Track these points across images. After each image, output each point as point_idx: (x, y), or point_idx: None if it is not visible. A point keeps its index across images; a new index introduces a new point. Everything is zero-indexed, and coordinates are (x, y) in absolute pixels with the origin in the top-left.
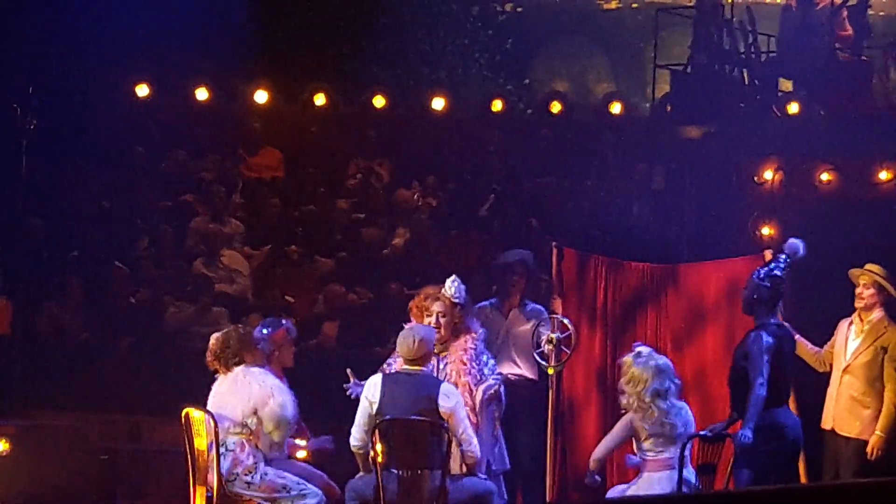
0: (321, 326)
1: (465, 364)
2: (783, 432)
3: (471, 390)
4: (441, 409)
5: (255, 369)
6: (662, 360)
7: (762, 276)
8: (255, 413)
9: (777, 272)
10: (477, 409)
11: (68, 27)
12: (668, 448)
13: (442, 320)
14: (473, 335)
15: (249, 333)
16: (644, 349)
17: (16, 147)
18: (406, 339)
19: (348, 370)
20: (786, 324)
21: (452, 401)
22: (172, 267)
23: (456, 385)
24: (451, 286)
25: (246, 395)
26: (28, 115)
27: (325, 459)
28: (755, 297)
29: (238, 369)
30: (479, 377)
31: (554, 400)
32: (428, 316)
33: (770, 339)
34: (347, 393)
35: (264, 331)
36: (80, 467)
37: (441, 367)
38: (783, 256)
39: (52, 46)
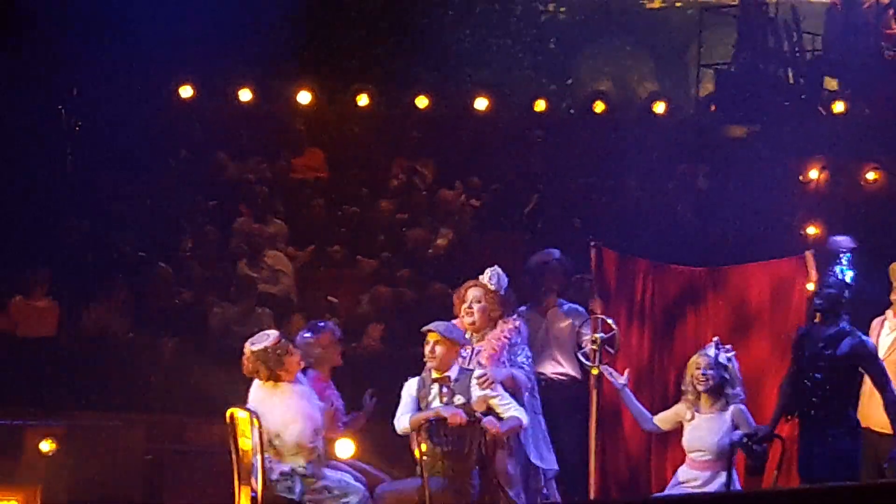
0: (365, 327)
1: (495, 351)
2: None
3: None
4: (473, 403)
5: (284, 388)
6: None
7: (846, 275)
8: (279, 436)
9: (854, 273)
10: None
11: (112, 28)
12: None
13: (475, 306)
14: (510, 326)
15: (278, 350)
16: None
17: (60, 148)
18: None
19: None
20: None
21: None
22: (216, 268)
23: None
24: (489, 273)
25: (271, 416)
26: (72, 117)
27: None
28: (842, 296)
29: (269, 384)
30: (506, 366)
31: (596, 400)
32: (463, 303)
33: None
34: None
35: (307, 334)
36: (125, 468)
37: (473, 355)
38: (843, 256)
39: (96, 48)
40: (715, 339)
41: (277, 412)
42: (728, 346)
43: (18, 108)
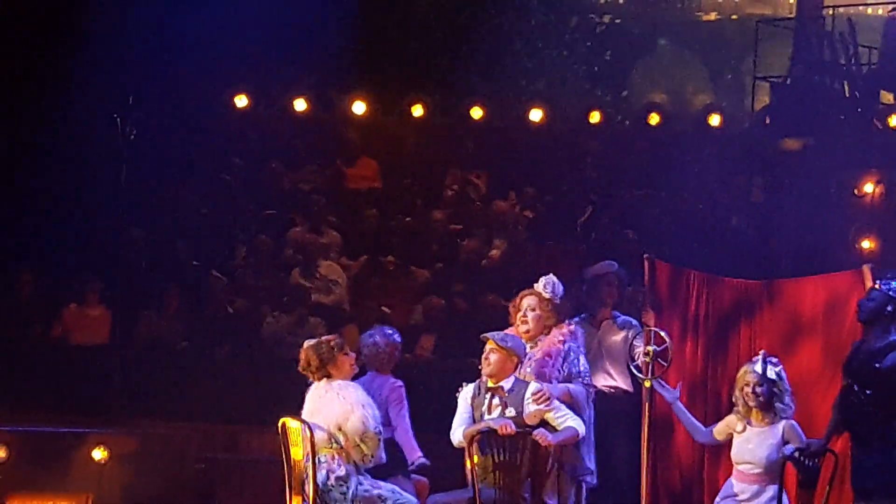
0: (418, 338)
1: (549, 357)
2: None
3: (550, 382)
4: (525, 417)
5: (338, 383)
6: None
7: (892, 288)
8: (340, 429)
9: None
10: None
11: (168, 38)
12: None
13: (530, 314)
14: (565, 332)
15: (330, 347)
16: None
17: (116, 157)
18: None
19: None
20: None
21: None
22: (270, 277)
23: (536, 378)
24: (543, 281)
25: (328, 411)
26: (128, 126)
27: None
28: (885, 309)
29: (322, 383)
30: (561, 373)
31: (649, 413)
32: (518, 311)
33: None
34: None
35: (378, 338)
36: (177, 476)
37: (527, 361)
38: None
39: (152, 57)
40: (762, 352)
41: (335, 405)
42: (776, 360)
43: (74, 116)
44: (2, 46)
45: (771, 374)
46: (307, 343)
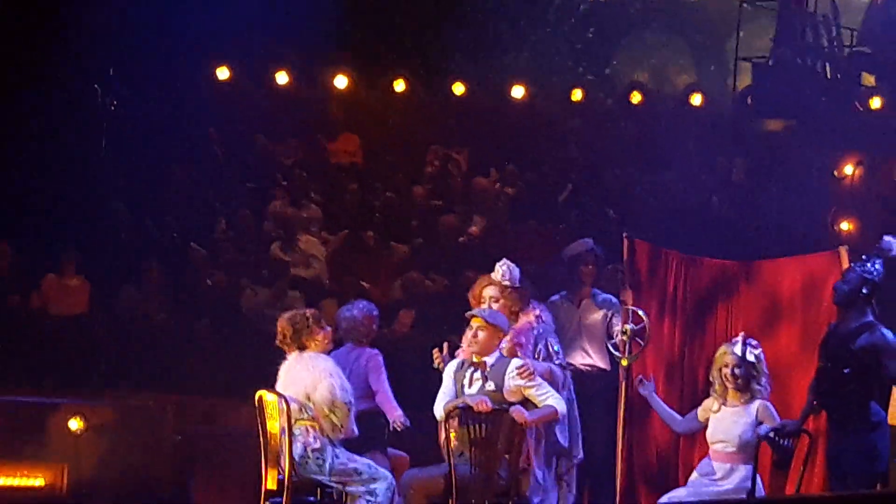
0: (396, 313)
1: (521, 346)
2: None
3: None
4: (505, 392)
5: (309, 354)
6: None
7: (867, 270)
8: (309, 399)
9: (880, 268)
10: None
11: (150, 9)
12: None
13: (495, 305)
14: (531, 317)
15: (308, 319)
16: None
17: (96, 128)
18: None
19: (444, 343)
20: None
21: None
22: (249, 250)
23: None
24: (500, 269)
25: (298, 381)
26: (108, 97)
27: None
28: (860, 291)
29: (293, 355)
30: (535, 358)
31: (626, 391)
32: (482, 303)
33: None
34: (437, 363)
35: (356, 311)
36: (154, 448)
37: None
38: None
39: (133, 28)
40: (741, 334)
41: (304, 375)
42: (755, 342)
43: (55, 86)
44: None
45: (750, 356)
46: (284, 315)
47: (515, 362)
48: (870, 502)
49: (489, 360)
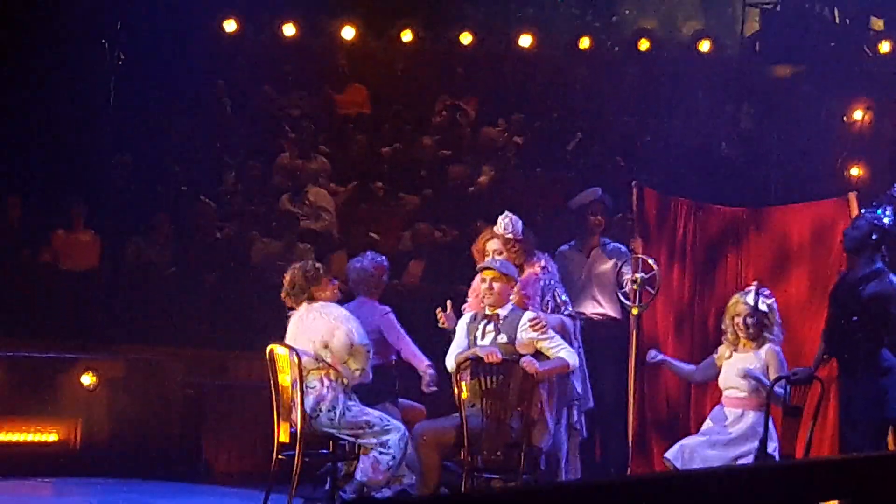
0: (406, 265)
1: (528, 298)
2: None
3: None
4: (517, 345)
5: (319, 304)
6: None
7: (876, 217)
8: (326, 347)
9: (891, 215)
10: None
11: None
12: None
13: (499, 258)
14: (536, 269)
15: (317, 269)
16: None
17: (104, 82)
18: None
19: (448, 302)
20: None
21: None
22: (259, 203)
23: None
24: (502, 222)
25: (313, 330)
26: (116, 51)
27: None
28: (870, 238)
29: (303, 307)
30: (544, 310)
31: (636, 341)
32: (486, 256)
33: None
34: (442, 323)
35: (367, 262)
36: (165, 401)
37: None
38: (889, 205)
39: None
40: (755, 283)
41: (319, 323)
42: (768, 292)
43: (61, 41)
44: None
45: (762, 306)
46: (294, 265)
47: (528, 315)
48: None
49: (502, 312)
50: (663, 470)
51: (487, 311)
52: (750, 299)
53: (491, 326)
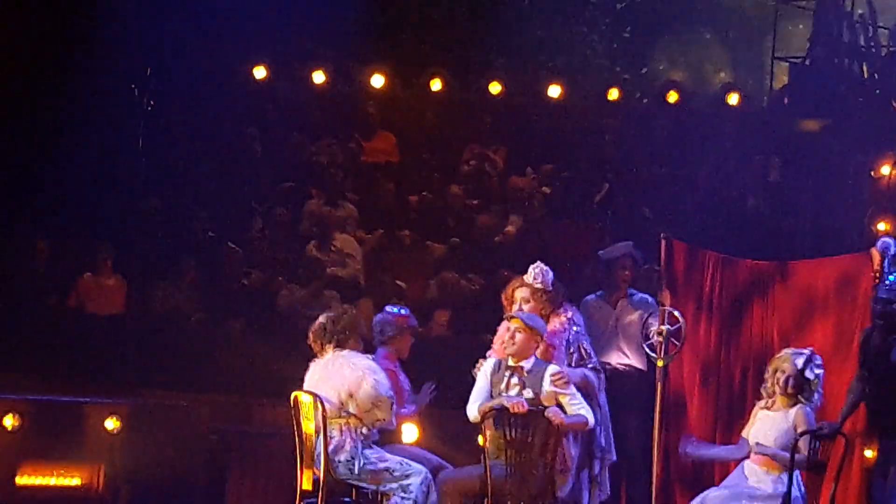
0: (432, 313)
1: (553, 348)
2: None
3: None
4: (542, 398)
5: (346, 352)
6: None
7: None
8: (352, 396)
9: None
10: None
11: (187, 8)
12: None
13: (525, 307)
14: (562, 319)
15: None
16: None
17: (133, 127)
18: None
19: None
20: None
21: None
22: (286, 249)
23: None
24: (532, 272)
25: (339, 379)
26: (145, 97)
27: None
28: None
29: (329, 354)
30: (567, 362)
31: (661, 392)
32: (514, 304)
33: None
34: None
35: (389, 312)
36: (189, 447)
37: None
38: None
39: (169, 27)
40: (810, 349)
41: (346, 371)
42: (820, 361)
43: (92, 86)
44: (22, 15)
45: (809, 374)
46: (326, 313)
47: (552, 368)
48: None
49: (526, 364)
50: None
51: (510, 363)
52: (799, 362)
53: (516, 380)
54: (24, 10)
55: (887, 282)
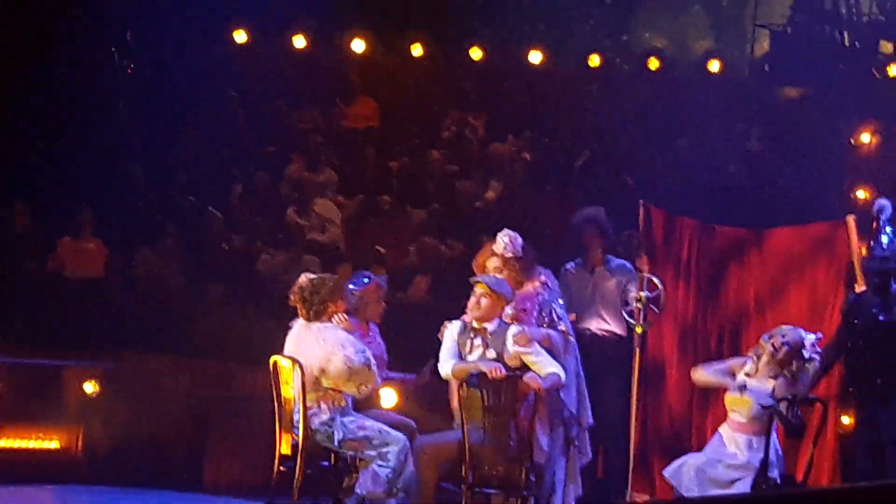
0: (412, 279)
1: (525, 312)
2: None
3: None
4: (505, 359)
5: (318, 326)
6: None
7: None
8: (324, 372)
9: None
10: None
11: None
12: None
13: (499, 276)
14: (536, 284)
15: (341, 285)
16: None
17: (114, 92)
18: None
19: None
20: None
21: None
22: (266, 214)
23: None
24: (502, 240)
25: (309, 355)
26: (126, 61)
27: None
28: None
29: (301, 323)
30: (539, 324)
31: (640, 358)
32: (483, 272)
33: None
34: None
35: (351, 286)
36: (168, 411)
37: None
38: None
39: None
40: (818, 334)
41: (315, 349)
42: (820, 350)
43: (72, 50)
44: None
45: (806, 353)
46: (308, 276)
47: (513, 329)
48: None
49: (489, 326)
50: (663, 488)
51: (475, 325)
52: (806, 338)
53: (479, 341)
54: None
55: (883, 242)
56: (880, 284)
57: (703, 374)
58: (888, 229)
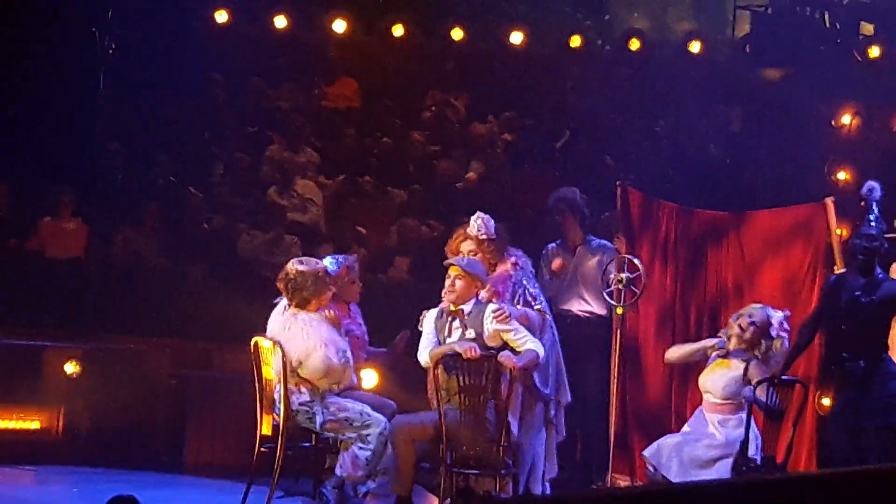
0: (393, 259)
1: (499, 294)
2: None
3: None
4: (485, 338)
5: (303, 317)
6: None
7: (882, 227)
8: (302, 364)
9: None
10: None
11: None
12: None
13: (468, 258)
14: (508, 266)
15: (324, 277)
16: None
17: (94, 71)
18: None
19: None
20: None
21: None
22: (246, 195)
23: None
24: (475, 224)
25: (292, 344)
26: (107, 40)
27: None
28: (882, 248)
29: (289, 312)
30: (515, 305)
31: (620, 338)
32: (457, 255)
33: None
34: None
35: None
36: (149, 392)
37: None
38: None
39: None
40: (787, 312)
41: (298, 342)
42: (788, 328)
43: (52, 29)
44: None
45: (773, 332)
46: (298, 266)
47: (490, 307)
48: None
49: (466, 307)
50: (643, 469)
51: (451, 308)
52: (773, 316)
53: (457, 323)
54: None
55: (872, 221)
56: (864, 263)
57: (675, 352)
58: (876, 209)
